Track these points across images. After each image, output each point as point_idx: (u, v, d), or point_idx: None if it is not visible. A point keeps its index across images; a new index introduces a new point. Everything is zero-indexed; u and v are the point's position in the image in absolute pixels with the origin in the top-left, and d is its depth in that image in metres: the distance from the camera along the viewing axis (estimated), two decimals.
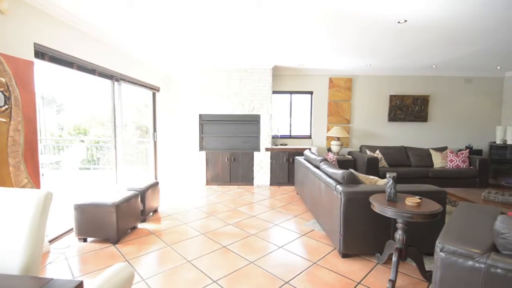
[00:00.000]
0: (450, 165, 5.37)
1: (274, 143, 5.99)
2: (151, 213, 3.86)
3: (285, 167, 5.63)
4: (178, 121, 5.97)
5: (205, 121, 5.63)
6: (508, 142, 5.66)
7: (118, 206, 2.90)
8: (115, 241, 2.92)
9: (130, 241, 3.01)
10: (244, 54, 4.67)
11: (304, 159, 4.40)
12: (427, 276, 2.24)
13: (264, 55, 4.76)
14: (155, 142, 5.58)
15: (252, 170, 5.65)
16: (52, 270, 2.40)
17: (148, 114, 5.59)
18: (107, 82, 3.88)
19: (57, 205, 3.47)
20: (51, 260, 2.57)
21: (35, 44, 2.57)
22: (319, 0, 2.63)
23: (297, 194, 4.89)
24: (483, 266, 1.30)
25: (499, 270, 1.27)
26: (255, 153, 5.62)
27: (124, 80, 4.11)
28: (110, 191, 3.38)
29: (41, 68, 2.76)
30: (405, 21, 3.13)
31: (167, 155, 5.94)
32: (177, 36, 3.73)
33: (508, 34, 3.52)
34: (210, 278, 2.29)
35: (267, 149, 5.61)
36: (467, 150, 5.49)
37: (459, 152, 5.45)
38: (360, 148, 6.01)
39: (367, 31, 3.49)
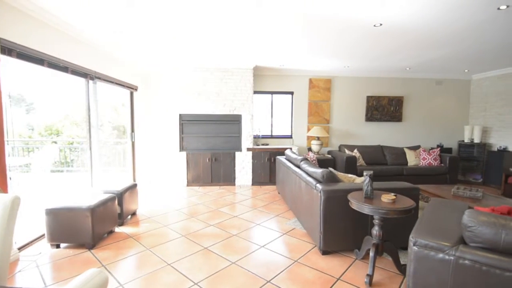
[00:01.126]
0: (423, 163, 5.64)
1: (255, 143, 6.01)
2: (129, 216, 3.74)
3: (267, 166, 5.67)
4: (157, 121, 5.83)
5: (186, 121, 5.54)
6: (475, 141, 6.03)
7: (93, 210, 2.79)
8: (91, 246, 2.81)
9: (107, 245, 2.90)
10: (225, 54, 4.64)
11: (285, 158, 4.45)
12: (402, 269, 2.34)
13: (245, 55, 4.76)
14: (133, 143, 5.42)
15: (234, 170, 5.64)
16: (22, 279, 2.27)
17: (125, 114, 5.42)
18: (82, 80, 3.72)
19: (27, 210, 3.28)
20: (21, 268, 2.43)
21: (1, 39, 2.41)
22: (297, 3, 2.67)
23: (279, 193, 4.94)
24: (452, 258, 1.38)
25: (466, 262, 1.35)
26: (237, 153, 5.61)
27: (99, 78, 3.96)
28: (85, 194, 3.24)
29: (8, 65, 2.59)
30: (381, 24, 3.25)
31: (146, 156, 5.79)
32: (158, 35, 3.64)
33: (474, 39, 3.75)
34: (191, 280, 2.25)
35: (248, 149, 5.62)
36: (438, 149, 5.80)
37: (431, 151, 5.74)
38: (339, 147, 6.17)
39: (344, 33, 3.59)
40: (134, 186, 3.81)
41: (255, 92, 6.04)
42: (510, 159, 5.51)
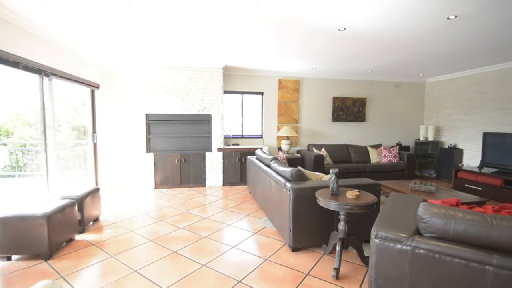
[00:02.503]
0: (384, 160, 6.01)
1: (226, 143, 5.97)
2: (91, 223, 3.52)
3: (238, 167, 5.66)
4: (122, 121, 5.55)
5: (153, 121, 5.34)
6: (429, 139, 6.56)
7: (49, 217, 2.58)
8: (47, 256, 2.59)
9: (66, 255, 2.70)
10: (194, 52, 4.55)
11: (256, 158, 4.48)
12: (366, 261, 2.47)
13: (215, 55, 4.70)
14: (95, 144, 5.10)
15: (204, 171, 5.55)
16: None
17: (86, 114, 5.08)
18: (36, 77, 3.42)
19: None
20: None
21: None
22: (264, 5, 2.70)
23: (250, 193, 4.96)
24: (409, 248, 1.49)
25: (422, 251, 1.46)
26: (207, 154, 5.53)
27: (55, 75, 3.67)
28: (40, 200, 2.98)
29: None
30: (345, 29, 3.40)
31: (110, 158, 5.48)
32: (121, 31, 3.46)
33: (426, 46, 4.08)
34: (159, 286, 2.18)
35: (219, 149, 5.56)
36: (397, 147, 6.22)
37: (391, 148, 6.13)
38: (308, 146, 6.35)
39: (311, 37, 3.70)
40: (96, 190, 3.59)
41: (225, 92, 6.00)
42: (459, 155, 6.08)
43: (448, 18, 3.04)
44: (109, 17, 3.05)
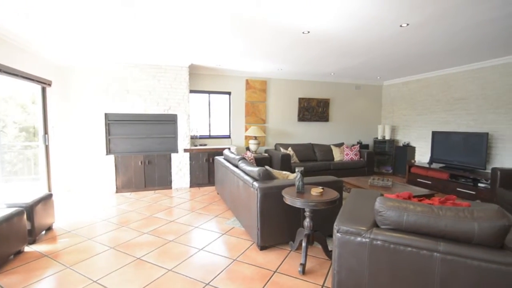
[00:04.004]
0: (346, 158, 6.33)
1: (193, 144, 5.85)
2: (43, 232, 3.23)
3: (205, 167, 5.57)
4: (78, 121, 5.17)
5: (113, 121, 5.04)
6: (386, 138, 7.05)
7: None
8: None
9: (13, 269, 2.45)
10: (158, 49, 4.38)
11: (224, 158, 4.45)
12: (330, 255, 2.58)
13: (180, 53, 4.57)
14: (47, 147, 4.68)
15: (170, 173, 5.38)
16: None
17: (37, 113, 4.64)
18: None
19: None
20: None
21: None
22: (226, 3, 2.69)
23: (218, 194, 4.91)
24: (367, 240, 1.58)
25: (379, 242, 1.56)
26: (173, 155, 5.37)
27: None
28: None
29: None
30: (308, 32, 3.52)
31: (65, 162, 5.07)
32: (76, 23, 3.21)
33: (382, 51, 4.37)
34: None
35: (185, 150, 5.43)
36: (358, 145, 6.59)
37: (352, 147, 6.48)
38: (275, 146, 6.46)
39: (276, 38, 3.76)
40: (48, 197, 3.30)
41: (191, 91, 5.87)
42: (412, 152, 6.61)
43: (401, 26, 3.28)
44: (62, 7, 2.82)
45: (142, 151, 5.23)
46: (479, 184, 4.58)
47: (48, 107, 4.64)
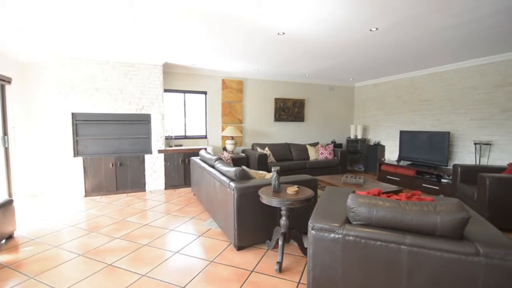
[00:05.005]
0: (321, 157, 6.49)
1: (168, 144, 5.70)
2: (3, 241, 2.99)
3: (181, 168, 5.45)
4: (42, 121, 4.85)
5: (81, 121, 4.77)
6: (359, 137, 7.33)
7: None
8: None
9: None
10: (129, 47, 4.21)
11: (200, 159, 4.38)
12: (306, 252, 2.63)
13: (153, 50, 4.43)
14: (6, 149, 4.33)
15: (144, 175, 5.20)
16: None
17: None
18: None
19: None
20: None
21: None
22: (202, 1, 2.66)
23: (194, 195, 4.83)
24: (340, 236, 1.64)
25: (351, 237, 1.62)
26: (147, 156, 5.19)
27: None
28: None
29: None
30: (284, 33, 3.57)
31: (28, 165, 4.73)
32: (38, 15, 3.00)
33: (353, 54, 4.54)
34: None
35: (160, 151, 5.28)
36: (332, 144, 6.80)
37: (327, 146, 6.66)
38: (252, 146, 6.48)
39: (251, 38, 3.76)
40: (8, 203, 3.06)
41: (166, 91, 5.73)
42: (382, 151, 6.93)
43: (371, 30, 3.43)
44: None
45: (114, 152, 5.00)
46: (442, 180, 4.90)
47: (7, 106, 4.30)
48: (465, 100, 5.12)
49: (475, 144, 4.87)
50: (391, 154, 6.73)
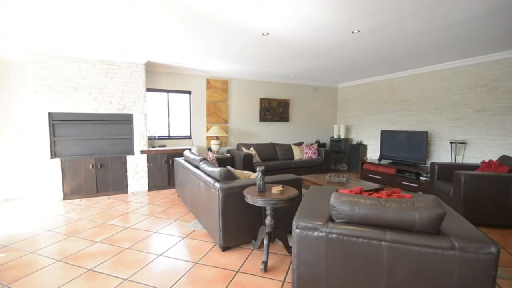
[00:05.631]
0: (305, 156, 6.58)
1: (151, 145, 5.58)
2: None
3: (165, 169, 5.36)
4: (16, 121, 4.62)
5: (58, 121, 4.57)
6: (342, 137, 7.48)
7: None
8: None
9: None
10: (109, 44, 4.09)
11: (184, 159, 4.33)
12: (291, 251, 2.66)
13: (135, 49, 4.33)
14: None
15: (126, 176, 5.07)
16: None
17: None
18: None
19: None
20: None
21: None
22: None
23: (178, 196, 4.76)
24: (324, 234, 1.66)
25: (334, 235, 1.65)
26: (129, 157, 5.06)
27: None
28: None
29: None
30: (268, 33, 3.58)
31: (1, 167, 4.49)
32: (16, 7, 2.85)
33: (336, 55, 4.63)
34: None
35: (142, 152, 5.16)
36: (316, 144, 6.90)
37: (311, 146, 6.76)
38: (238, 146, 6.47)
39: (234, 37, 3.75)
40: None
41: (148, 90, 5.61)
42: (364, 150, 7.11)
43: (352, 32, 3.51)
44: None
45: (94, 153, 4.84)
46: (421, 178, 5.10)
47: None
48: (441, 101, 5.34)
49: (451, 143, 5.09)
50: (373, 153, 6.92)
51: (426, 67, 5.48)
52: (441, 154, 5.37)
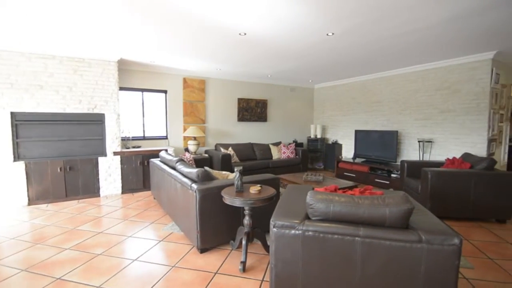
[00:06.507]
0: (283, 156, 6.66)
1: (124, 146, 5.38)
2: None
3: (140, 171, 5.18)
4: None
5: (22, 121, 4.27)
6: (318, 136, 7.66)
7: None
8: None
9: None
10: (79, 40, 3.88)
11: (160, 161, 4.21)
12: (269, 250, 2.68)
13: (106, 45, 4.14)
14: None
15: (98, 179, 4.84)
16: None
17: None
18: None
19: None
20: None
21: None
22: None
23: (154, 198, 4.62)
24: (300, 232, 1.69)
25: (310, 233, 1.69)
26: (100, 159, 4.84)
27: None
28: None
29: None
30: (245, 34, 3.58)
31: None
32: None
33: (311, 57, 4.73)
34: None
35: (115, 153, 4.95)
36: (294, 144, 7.01)
37: (288, 145, 6.85)
38: (216, 146, 6.41)
39: (209, 36, 3.70)
40: None
41: (122, 89, 5.40)
42: (339, 149, 7.33)
43: (327, 35, 3.60)
44: None
45: (62, 155, 4.57)
46: (392, 175, 5.35)
47: None
48: (410, 102, 5.64)
49: (419, 141, 5.39)
50: (348, 152, 7.15)
51: (396, 69, 5.76)
52: (410, 152, 5.67)
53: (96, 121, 4.79)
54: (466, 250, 2.80)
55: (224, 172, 3.35)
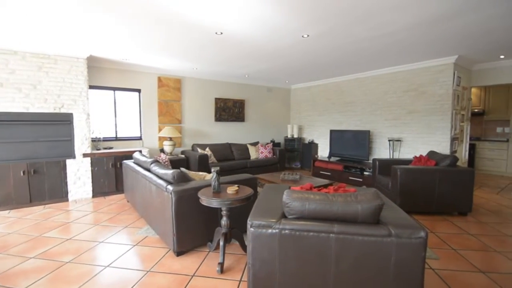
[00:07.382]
0: (261, 156, 6.70)
1: (95, 147, 5.13)
2: None
3: (112, 173, 4.97)
4: None
5: None
6: (295, 136, 7.79)
7: None
8: None
9: None
10: (44, 35, 3.64)
11: (134, 162, 4.07)
12: (247, 250, 2.68)
13: (74, 41, 3.91)
14: None
15: (66, 183, 4.57)
16: None
17: None
18: None
19: None
20: None
21: None
22: None
23: (128, 202, 4.45)
24: (277, 231, 1.71)
25: (287, 231, 1.71)
26: (69, 161, 4.58)
27: None
28: None
29: None
30: (221, 33, 3.56)
31: None
32: None
33: (286, 58, 4.81)
34: None
35: (85, 155, 4.70)
36: (271, 143, 7.08)
37: (266, 145, 6.90)
38: (192, 146, 6.30)
39: (187, 36, 3.66)
40: None
41: (92, 87, 5.14)
42: (316, 148, 7.51)
43: (303, 36, 3.67)
44: None
45: (25, 158, 4.27)
46: (365, 172, 5.56)
47: None
48: (380, 103, 5.90)
49: (389, 140, 5.66)
50: (324, 151, 7.34)
51: (368, 71, 6.00)
52: (382, 151, 5.93)
53: (63, 121, 4.52)
54: (431, 242, 2.98)
55: (201, 173, 3.31)
